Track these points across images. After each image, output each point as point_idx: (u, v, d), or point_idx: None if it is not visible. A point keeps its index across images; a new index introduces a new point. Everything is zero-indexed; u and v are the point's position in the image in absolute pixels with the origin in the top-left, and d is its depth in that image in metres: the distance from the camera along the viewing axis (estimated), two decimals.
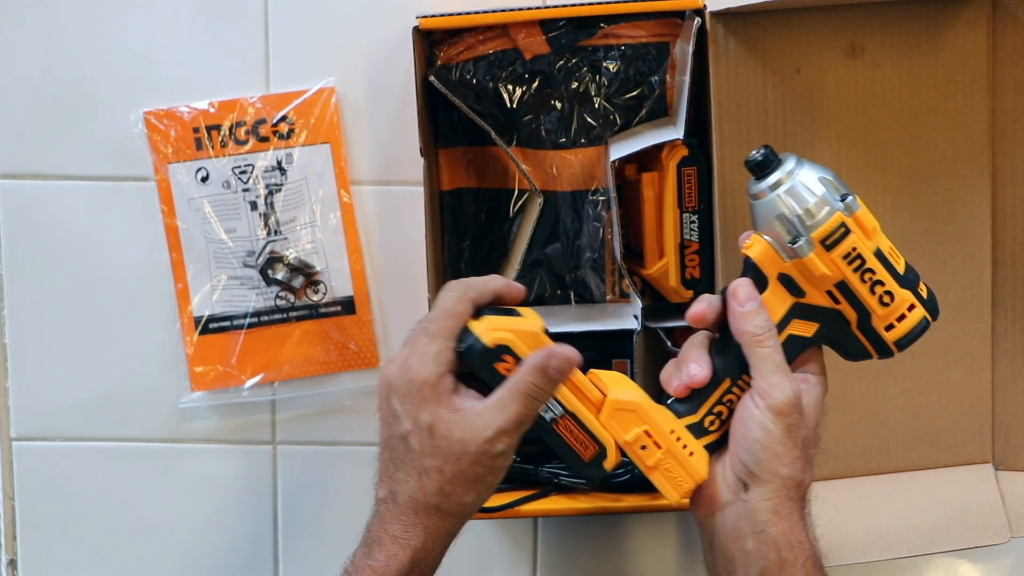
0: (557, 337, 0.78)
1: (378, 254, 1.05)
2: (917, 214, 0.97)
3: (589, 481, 0.79)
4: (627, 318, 0.99)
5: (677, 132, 0.94)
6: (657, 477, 0.79)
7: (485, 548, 1.08)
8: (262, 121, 1.03)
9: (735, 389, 0.79)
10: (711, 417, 0.79)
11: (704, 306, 0.80)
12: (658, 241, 0.98)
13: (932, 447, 0.99)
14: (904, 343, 0.78)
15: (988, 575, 1.07)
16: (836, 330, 0.79)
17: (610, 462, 0.78)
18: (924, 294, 0.78)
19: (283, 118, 1.03)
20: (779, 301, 0.78)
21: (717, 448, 0.80)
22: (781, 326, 0.78)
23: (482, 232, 1.03)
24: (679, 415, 0.79)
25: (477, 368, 0.76)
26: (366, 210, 1.04)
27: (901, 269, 0.78)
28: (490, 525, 1.07)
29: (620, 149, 0.97)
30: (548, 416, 0.77)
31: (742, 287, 0.78)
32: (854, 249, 0.76)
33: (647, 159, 0.98)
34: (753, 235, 0.78)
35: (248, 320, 1.05)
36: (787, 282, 0.78)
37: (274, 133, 1.03)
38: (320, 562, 1.08)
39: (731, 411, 0.79)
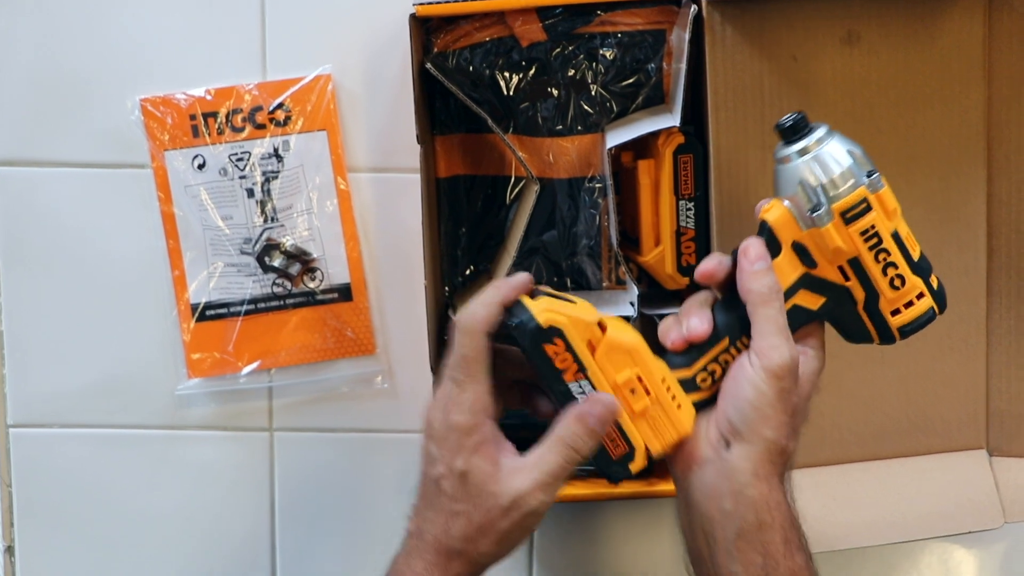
0: None
1: (375, 241, 1.05)
2: (913, 202, 0.96)
3: (611, 479, 0.78)
4: (623, 305, 0.99)
5: (673, 119, 0.94)
6: (642, 426, 0.77)
7: None
8: (259, 108, 1.03)
9: (732, 350, 0.78)
10: (704, 374, 0.78)
11: (714, 263, 0.79)
12: (654, 228, 0.98)
13: (927, 433, 1.00)
14: (908, 330, 0.78)
15: (982, 560, 1.07)
16: (842, 308, 0.78)
17: (636, 464, 0.78)
18: (935, 285, 0.78)
19: (280, 105, 1.03)
20: (790, 268, 0.77)
21: (705, 408, 0.79)
22: (788, 295, 0.77)
23: (479, 219, 1.03)
24: (672, 367, 0.78)
25: (525, 346, 0.75)
26: (363, 197, 1.04)
27: (916, 256, 0.77)
28: None
29: (616, 136, 0.97)
30: None
31: (754, 246, 0.77)
32: (872, 227, 0.75)
33: (643, 146, 0.98)
34: (773, 200, 0.78)
35: (245, 307, 1.05)
36: (800, 251, 0.77)
37: (271, 120, 1.03)
38: (317, 548, 1.08)
39: (724, 371, 0.78)
